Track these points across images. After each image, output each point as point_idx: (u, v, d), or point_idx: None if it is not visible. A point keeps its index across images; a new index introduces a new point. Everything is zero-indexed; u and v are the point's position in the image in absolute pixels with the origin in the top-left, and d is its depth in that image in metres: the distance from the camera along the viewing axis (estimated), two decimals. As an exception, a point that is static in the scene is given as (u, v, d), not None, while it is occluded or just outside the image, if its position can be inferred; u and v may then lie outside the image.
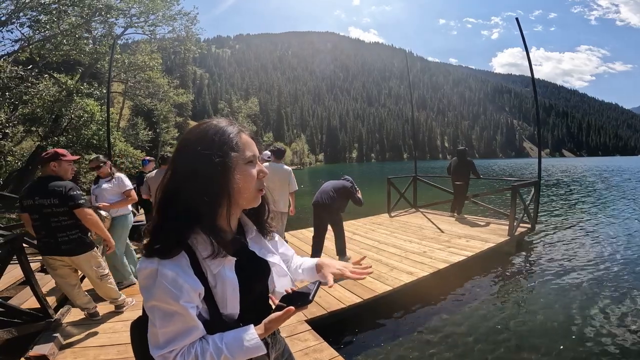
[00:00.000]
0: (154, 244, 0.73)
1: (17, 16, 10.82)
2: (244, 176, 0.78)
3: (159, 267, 0.70)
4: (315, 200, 4.49)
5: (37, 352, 2.40)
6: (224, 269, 0.77)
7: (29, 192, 2.66)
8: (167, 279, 0.70)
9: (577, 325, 3.36)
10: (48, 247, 2.71)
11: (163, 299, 0.70)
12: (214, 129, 0.79)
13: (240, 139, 0.80)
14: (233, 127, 0.81)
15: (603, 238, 6.81)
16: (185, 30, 15.26)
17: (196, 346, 0.73)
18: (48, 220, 2.64)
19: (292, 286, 0.92)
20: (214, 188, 0.74)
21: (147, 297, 0.72)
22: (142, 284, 0.73)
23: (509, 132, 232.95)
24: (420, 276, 4.05)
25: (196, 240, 0.75)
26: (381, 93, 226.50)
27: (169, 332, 0.71)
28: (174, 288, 0.70)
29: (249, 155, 0.80)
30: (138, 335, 0.84)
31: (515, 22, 6.98)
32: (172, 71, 45.89)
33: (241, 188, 0.78)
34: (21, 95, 10.85)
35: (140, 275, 0.73)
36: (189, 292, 0.71)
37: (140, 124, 31.17)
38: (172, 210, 0.75)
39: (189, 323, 0.72)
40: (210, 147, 0.75)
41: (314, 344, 2.67)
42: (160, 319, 0.71)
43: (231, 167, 0.76)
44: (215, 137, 0.77)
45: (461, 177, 7.06)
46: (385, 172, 23.47)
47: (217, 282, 0.77)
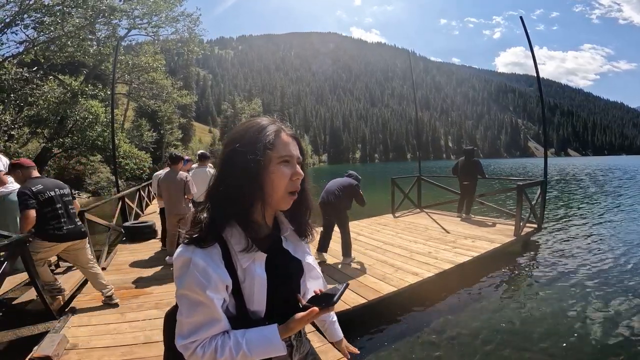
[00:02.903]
0: (192, 233, 0.76)
1: (21, 18, 10.90)
2: (276, 175, 0.78)
3: (192, 256, 0.73)
4: (321, 200, 4.52)
5: (41, 353, 2.39)
6: (254, 265, 0.78)
7: (45, 187, 3.02)
8: (198, 268, 0.72)
9: (583, 326, 3.31)
10: (74, 232, 3.14)
11: (191, 287, 0.72)
12: (254, 127, 0.81)
13: (278, 138, 0.80)
14: (273, 125, 0.82)
15: (610, 237, 6.73)
16: (188, 32, 15.31)
17: (217, 339, 0.74)
18: (67, 207, 3.13)
19: (322, 288, 0.91)
20: (248, 184, 0.76)
21: (178, 286, 0.75)
22: (176, 273, 0.76)
23: (513, 132, 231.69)
24: (425, 277, 4.01)
25: (231, 233, 0.78)
26: (384, 93, 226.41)
27: (193, 322, 0.73)
28: (203, 277, 0.72)
29: (284, 154, 0.80)
30: (170, 324, 0.87)
31: (519, 20, 6.95)
32: (176, 72, 46.14)
33: (273, 186, 0.79)
34: (26, 97, 10.92)
35: (175, 263, 0.76)
36: (217, 283, 0.73)
37: (144, 125, 31.23)
38: (212, 203, 0.79)
39: (213, 315, 0.73)
40: (247, 145, 0.77)
41: (318, 345, 2.64)
42: (186, 308, 0.74)
43: (265, 165, 0.77)
44: (253, 135, 0.79)
45: (469, 176, 7.00)
46: (388, 173, 23.40)
47: (246, 277, 0.77)
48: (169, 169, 4.68)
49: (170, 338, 0.81)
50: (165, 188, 4.55)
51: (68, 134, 12.66)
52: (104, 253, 5.09)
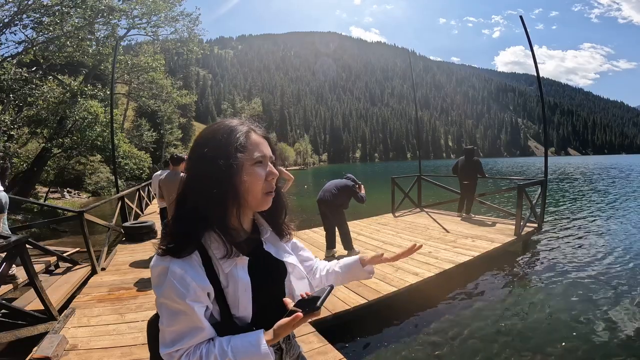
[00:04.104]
0: (167, 243, 0.73)
1: (20, 18, 10.85)
2: (250, 177, 0.76)
3: (169, 265, 0.71)
4: (319, 198, 4.83)
5: (41, 353, 2.39)
6: (236, 269, 0.76)
7: None
8: (175, 276, 0.70)
9: (583, 326, 3.30)
10: None
11: (170, 296, 0.70)
12: (222, 129, 0.78)
13: (249, 139, 0.77)
14: (242, 126, 0.79)
15: (610, 237, 6.73)
16: (187, 32, 15.24)
17: (202, 347, 0.71)
18: None
19: (309, 290, 0.89)
20: (221, 189, 0.73)
21: (157, 295, 0.72)
22: (153, 282, 0.73)
23: (513, 131, 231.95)
24: (425, 277, 4.00)
25: (210, 240, 0.76)
26: (384, 92, 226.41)
27: (175, 331, 0.71)
28: (181, 286, 0.69)
29: (257, 156, 0.77)
30: (153, 331, 0.84)
31: (519, 20, 6.94)
32: (175, 72, 46.12)
33: (249, 189, 0.76)
34: (26, 97, 10.88)
35: (152, 273, 0.73)
36: (196, 290, 0.71)
37: (144, 125, 31.30)
38: (185, 211, 0.76)
39: (195, 323, 0.71)
40: (217, 149, 0.74)
41: (318, 346, 2.64)
42: (167, 317, 0.71)
43: (237, 169, 0.74)
44: (222, 138, 0.76)
45: (469, 176, 7.00)
46: (389, 172, 23.42)
47: (229, 282, 0.75)
48: (170, 170, 4.63)
49: (154, 345, 0.79)
50: (166, 189, 4.54)
51: (67, 134, 12.63)
52: (104, 253, 5.08)
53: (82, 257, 5.00)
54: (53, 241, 7.12)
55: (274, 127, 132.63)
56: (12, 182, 11.98)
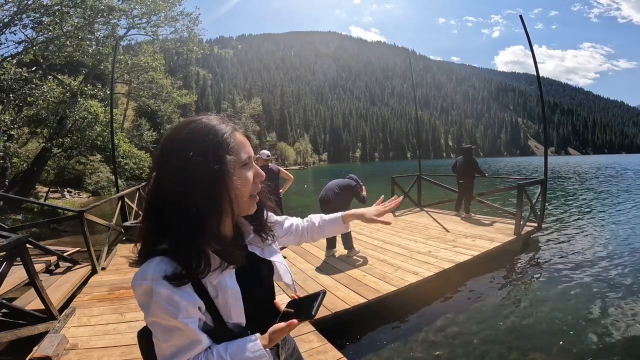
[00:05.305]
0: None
1: (19, 18, 10.85)
2: (240, 181, 0.71)
3: (152, 284, 0.65)
4: (320, 197, 4.79)
5: (41, 353, 2.39)
6: (224, 279, 0.73)
7: None
8: (161, 297, 0.65)
9: (584, 326, 3.30)
10: None
11: (161, 315, 0.66)
12: (204, 128, 0.70)
13: (235, 140, 0.72)
14: (226, 125, 0.73)
15: (610, 236, 6.72)
16: (187, 31, 15.24)
17: (201, 357, 0.70)
18: None
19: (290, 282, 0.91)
20: (214, 199, 0.68)
21: (145, 314, 0.69)
22: (139, 301, 0.69)
23: (513, 131, 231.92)
24: (425, 276, 4.00)
25: None
26: (384, 92, 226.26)
27: (173, 346, 0.68)
28: (170, 305, 0.65)
29: (245, 157, 0.73)
30: (145, 344, 0.83)
31: (518, 19, 6.93)
32: (175, 72, 46.10)
33: (239, 194, 0.72)
34: (25, 97, 10.87)
35: (135, 292, 0.68)
36: (187, 308, 0.67)
37: (144, 125, 31.30)
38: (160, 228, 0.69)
39: (190, 337, 0.68)
40: (204, 153, 0.67)
41: (318, 345, 2.64)
42: (162, 334, 0.68)
43: (229, 173, 0.68)
44: (208, 139, 0.68)
45: (466, 175, 7.04)
46: (389, 171, 23.40)
47: (218, 292, 0.73)
48: None
49: (152, 356, 0.77)
50: None
51: (67, 134, 12.62)
52: (104, 253, 5.09)
53: (82, 256, 5.01)
54: (53, 241, 7.12)
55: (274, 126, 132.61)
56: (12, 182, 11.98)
